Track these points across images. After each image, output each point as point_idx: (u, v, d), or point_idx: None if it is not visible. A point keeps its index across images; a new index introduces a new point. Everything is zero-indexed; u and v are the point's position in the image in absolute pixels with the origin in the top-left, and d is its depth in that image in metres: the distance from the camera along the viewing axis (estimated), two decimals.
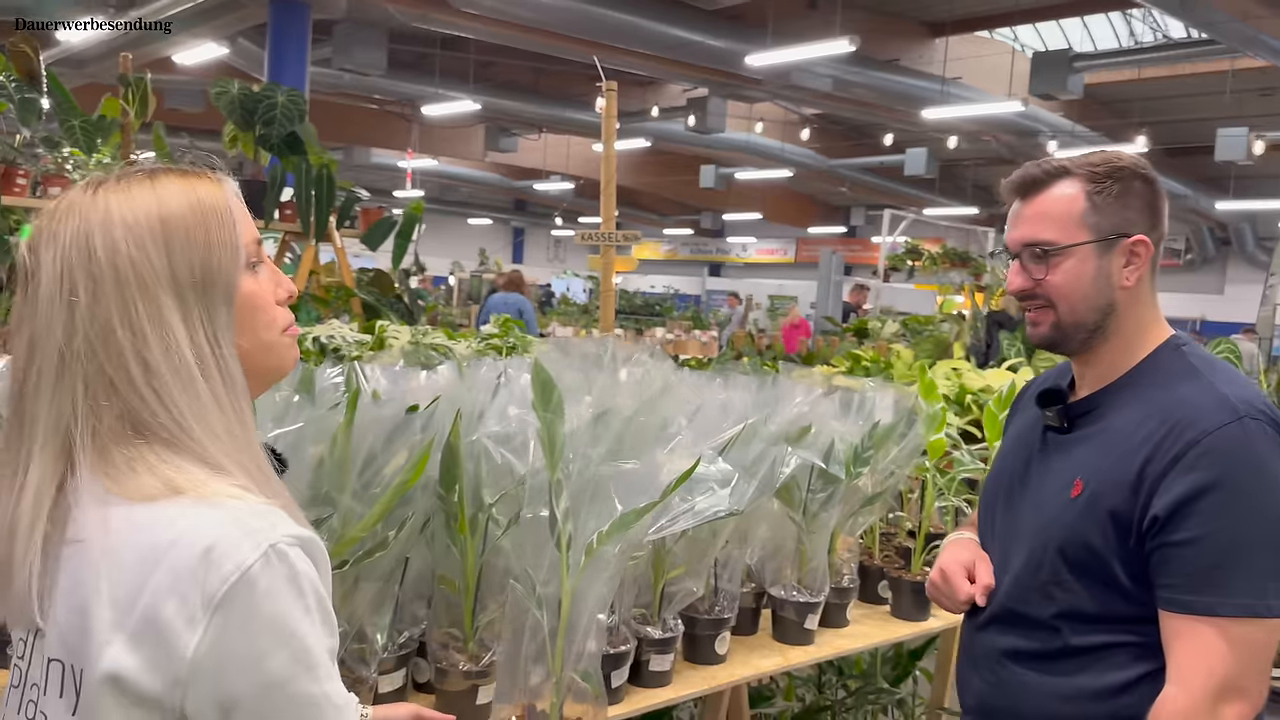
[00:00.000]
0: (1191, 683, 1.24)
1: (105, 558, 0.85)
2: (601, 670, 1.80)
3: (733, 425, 2.08)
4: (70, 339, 0.88)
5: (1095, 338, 1.40)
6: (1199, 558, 1.24)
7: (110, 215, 0.89)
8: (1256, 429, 1.26)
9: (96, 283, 0.88)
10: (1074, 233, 1.37)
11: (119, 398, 0.88)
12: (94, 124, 4.71)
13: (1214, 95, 14.02)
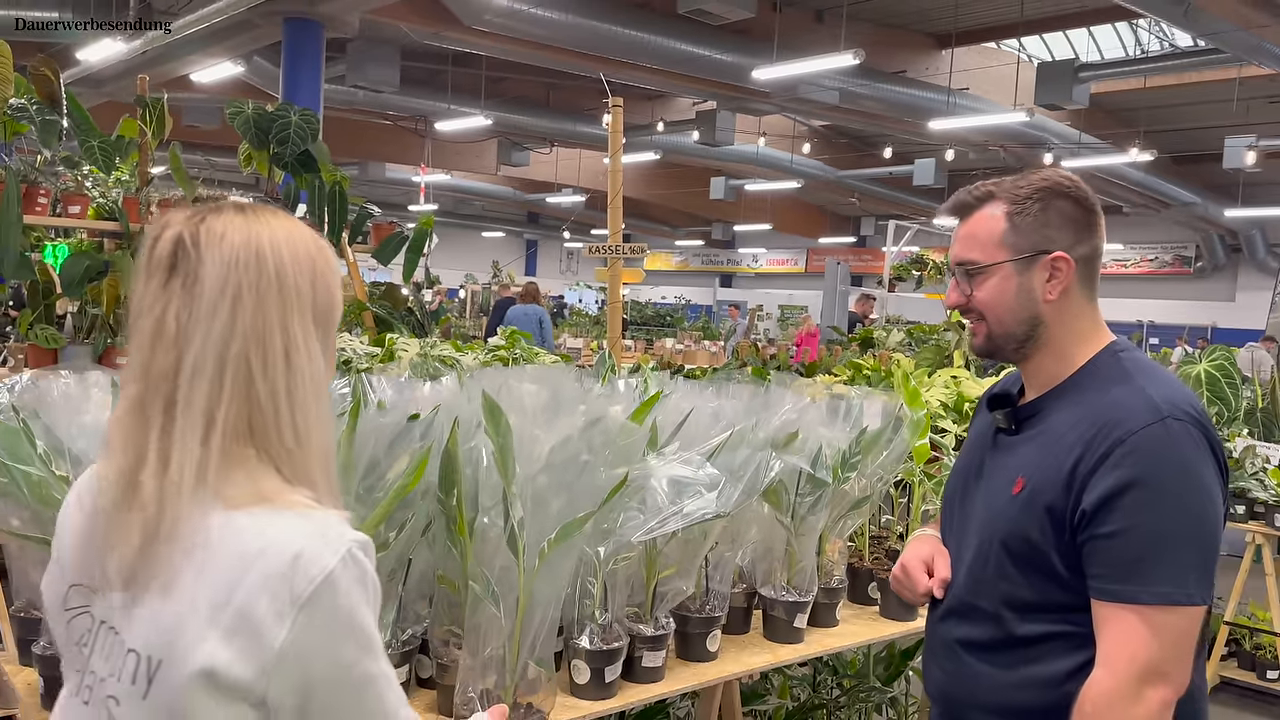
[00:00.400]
0: (1116, 666, 1.32)
1: (205, 563, 0.94)
2: (596, 665, 1.90)
3: (722, 432, 2.18)
4: (229, 338, 0.96)
5: (1027, 347, 1.49)
6: (1124, 549, 1.32)
7: (276, 238, 1.00)
8: (1180, 429, 1.34)
9: (262, 294, 0.97)
10: (994, 252, 1.47)
11: (252, 398, 0.96)
12: (112, 144, 4.84)
13: (1221, 103, 14.05)
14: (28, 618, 1.87)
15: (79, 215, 4.76)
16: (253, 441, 0.97)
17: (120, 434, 0.97)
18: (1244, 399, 4.97)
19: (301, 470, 0.99)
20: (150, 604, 0.95)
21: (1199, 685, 1.44)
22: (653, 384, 2.48)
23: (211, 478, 0.95)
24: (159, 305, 0.97)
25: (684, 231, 29.33)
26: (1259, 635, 4.60)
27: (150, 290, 0.98)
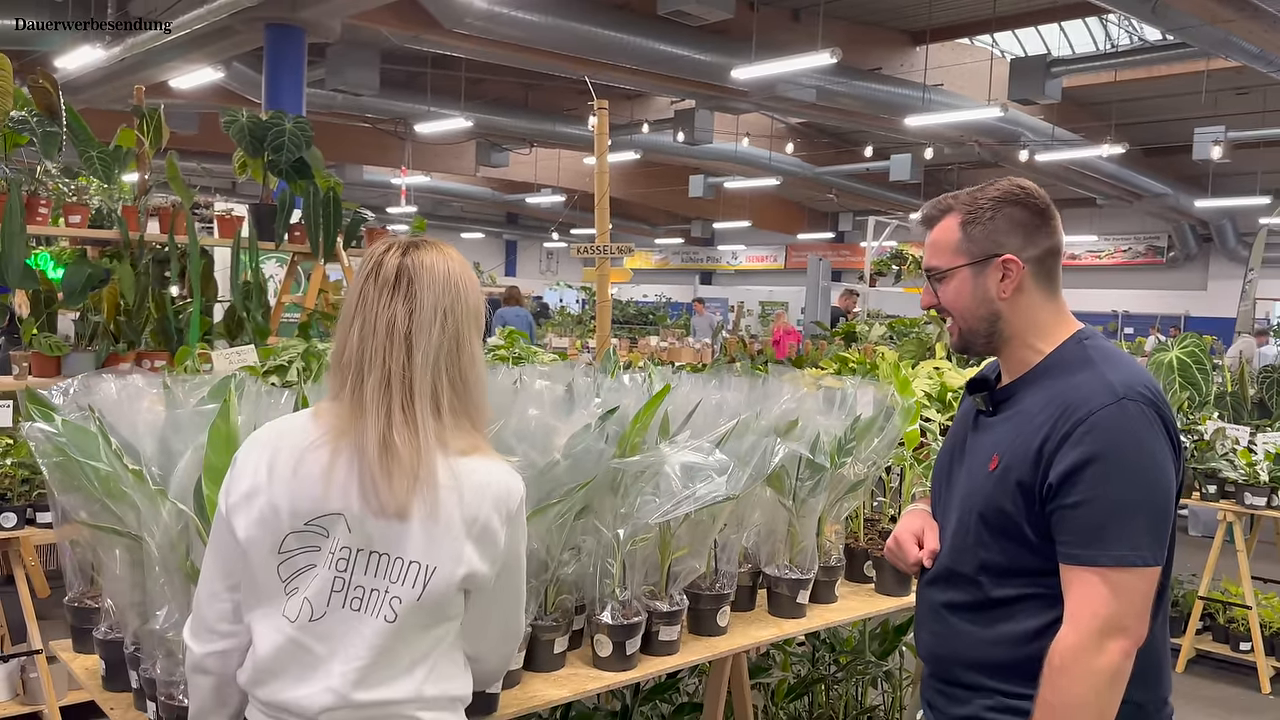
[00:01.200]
0: (1080, 622, 1.48)
1: (460, 493, 1.40)
2: (617, 639, 2.04)
3: (727, 421, 2.32)
4: (441, 342, 1.41)
5: (994, 341, 1.66)
6: (1086, 518, 1.48)
7: (457, 269, 1.46)
8: (1134, 409, 1.50)
9: (458, 313, 1.44)
10: (952, 258, 1.65)
11: (454, 382, 1.43)
12: (111, 154, 4.93)
13: (1190, 96, 14.35)
14: (82, 607, 1.98)
15: (79, 225, 4.84)
16: (458, 410, 1.43)
17: (371, 404, 1.38)
18: (1214, 384, 5.17)
19: (483, 430, 1.49)
20: (422, 527, 1.38)
21: (1160, 637, 1.60)
22: (657, 378, 2.62)
23: (445, 437, 1.41)
24: (387, 312, 1.39)
25: (663, 229, 29.48)
26: (1232, 609, 4.80)
27: (380, 299, 1.40)
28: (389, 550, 1.37)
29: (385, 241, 1.46)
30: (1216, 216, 19.53)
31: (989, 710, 1.61)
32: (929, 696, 1.76)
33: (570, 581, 2.11)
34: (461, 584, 1.40)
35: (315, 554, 1.38)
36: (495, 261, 30.40)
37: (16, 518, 3.29)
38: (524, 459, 1.94)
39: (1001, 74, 13.25)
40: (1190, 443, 4.77)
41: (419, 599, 1.37)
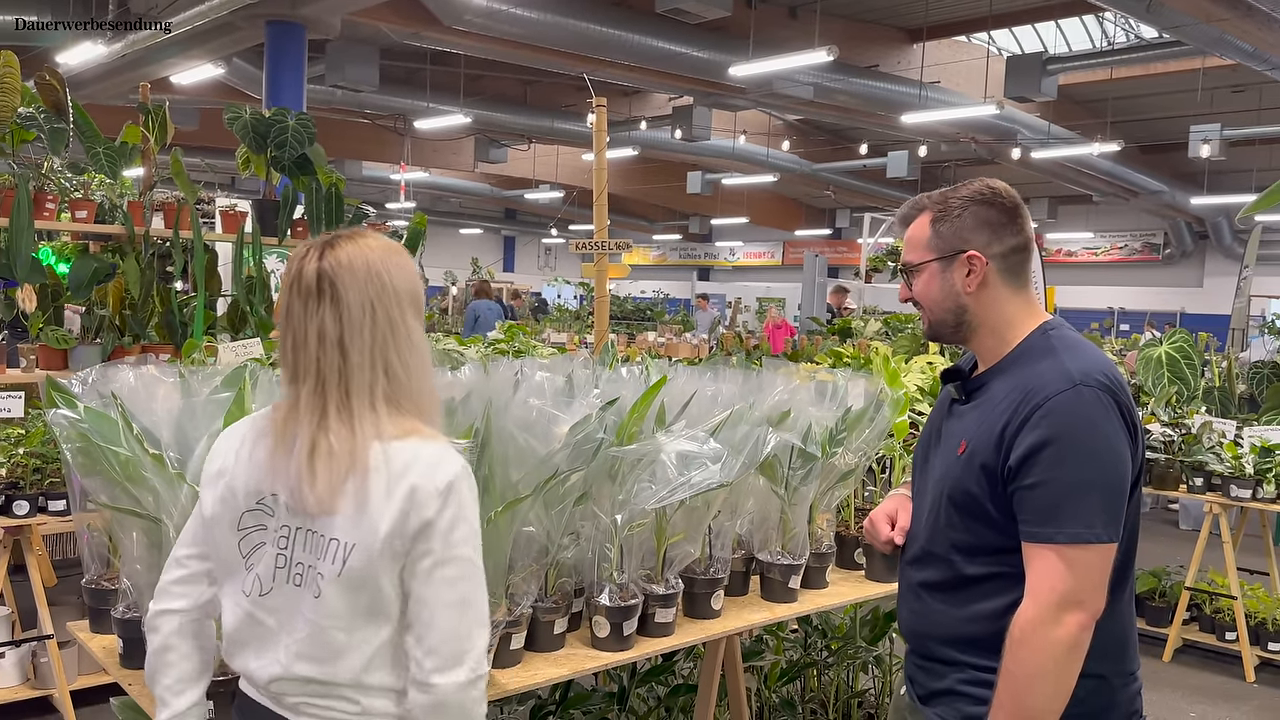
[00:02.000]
0: (1038, 596, 1.55)
1: (385, 473, 1.39)
2: (614, 620, 2.12)
3: (721, 412, 2.40)
4: (374, 340, 1.41)
5: (961, 331, 1.76)
6: (1041, 498, 1.56)
7: (387, 259, 1.45)
8: (1089, 394, 1.57)
9: (387, 303, 1.43)
10: (922, 254, 1.76)
11: (392, 374, 1.43)
12: (117, 150, 5.00)
13: (1186, 93, 14.41)
14: (99, 589, 2.05)
15: (85, 220, 4.91)
16: (396, 399, 1.44)
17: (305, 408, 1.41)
18: (1203, 379, 5.25)
19: (425, 413, 1.46)
20: (349, 512, 1.39)
21: (1125, 613, 1.68)
22: (654, 370, 2.69)
23: (381, 427, 1.42)
24: (315, 321, 1.41)
25: (661, 226, 29.54)
26: (1218, 600, 4.88)
27: (306, 310, 1.42)
28: (320, 529, 1.41)
29: (304, 245, 1.46)
30: (1212, 214, 19.60)
31: (962, 683, 1.69)
32: (910, 672, 1.85)
33: (570, 565, 2.18)
34: (380, 557, 1.37)
35: (264, 531, 1.45)
36: (493, 257, 30.42)
37: (29, 506, 3.37)
38: (526, 447, 2.02)
39: (998, 71, 13.32)
40: (1178, 436, 4.86)
41: (339, 574, 1.38)
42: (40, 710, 3.70)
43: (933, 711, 1.74)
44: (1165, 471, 4.82)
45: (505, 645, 1.99)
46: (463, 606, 1.40)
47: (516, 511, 1.98)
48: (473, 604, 1.41)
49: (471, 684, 1.39)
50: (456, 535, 1.40)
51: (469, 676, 1.39)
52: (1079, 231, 22.59)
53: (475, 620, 1.41)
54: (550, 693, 2.68)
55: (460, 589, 1.40)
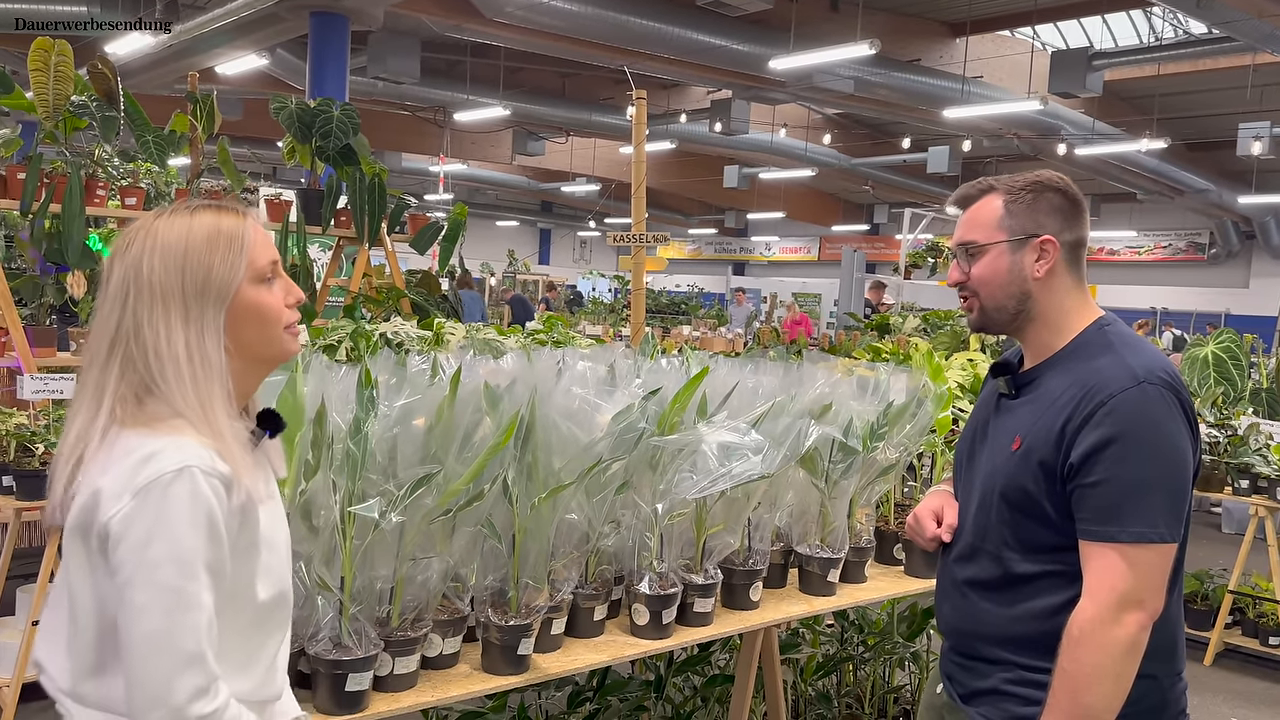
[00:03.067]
0: (1099, 595, 1.54)
1: (104, 463, 1.24)
2: (654, 608, 2.13)
3: (763, 404, 2.40)
4: (120, 329, 1.29)
5: (1017, 320, 1.71)
6: (1105, 496, 1.54)
7: (155, 244, 1.30)
8: (1154, 393, 1.56)
9: (138, 295, 1.29)
10: (992, 234, 1.69)
11: (138, 371, 1.27)
12: (165, 138, 5.08)
13: (1235, 90, 14.13)
14: None
15: (134, 207, 4.99)
16: (147, 392, 1.28)
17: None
18: (1250, 380, 5.16)
19: (181, 409, 1.27)
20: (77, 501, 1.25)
21: (1175, 614, 1.66)
22: (694, 362, 2.70)
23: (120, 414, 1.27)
24: (94, 311, 1.34)
25: (697, 220, 29.48)
26: (1262, 604, 4.81)
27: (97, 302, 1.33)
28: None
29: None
30: (1260, 213, 19.21)
31: (1008, 683, 1.67)
32: (948, 670, 1.83)
33: (610, 553, 2.20)
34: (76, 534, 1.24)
35: None
36: (529, 250, 30.56)
37: None
38: (568, 435, 2.04)
39: (1042, 66, 13.14)
40: (1224, 438, 4.78)
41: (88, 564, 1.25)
42: None
43: (976, 711, 1.72)
44: (1210, 473, 4.74)
45: (546, 630, 2.02)
46: (151, 642, 1.18)
47: (559, 499, 2.00)
48: (162, 639, 1.18)
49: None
50: (148, 555, 1.18)
51: (180, 710, 1.18)
52: (1122, 230, 22.24)
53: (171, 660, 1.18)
54: (587, 679, 2.70)
55: (148, 621, 1.18)
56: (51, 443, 3.54)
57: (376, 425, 1.80)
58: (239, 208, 1.36)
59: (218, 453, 1.25)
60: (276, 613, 1.38)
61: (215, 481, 1.23)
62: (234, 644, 1.30)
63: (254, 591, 1.32)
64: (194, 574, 1.20)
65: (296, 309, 1.40)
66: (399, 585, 1.84)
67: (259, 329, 1.34)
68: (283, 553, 1.39)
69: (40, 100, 4.57)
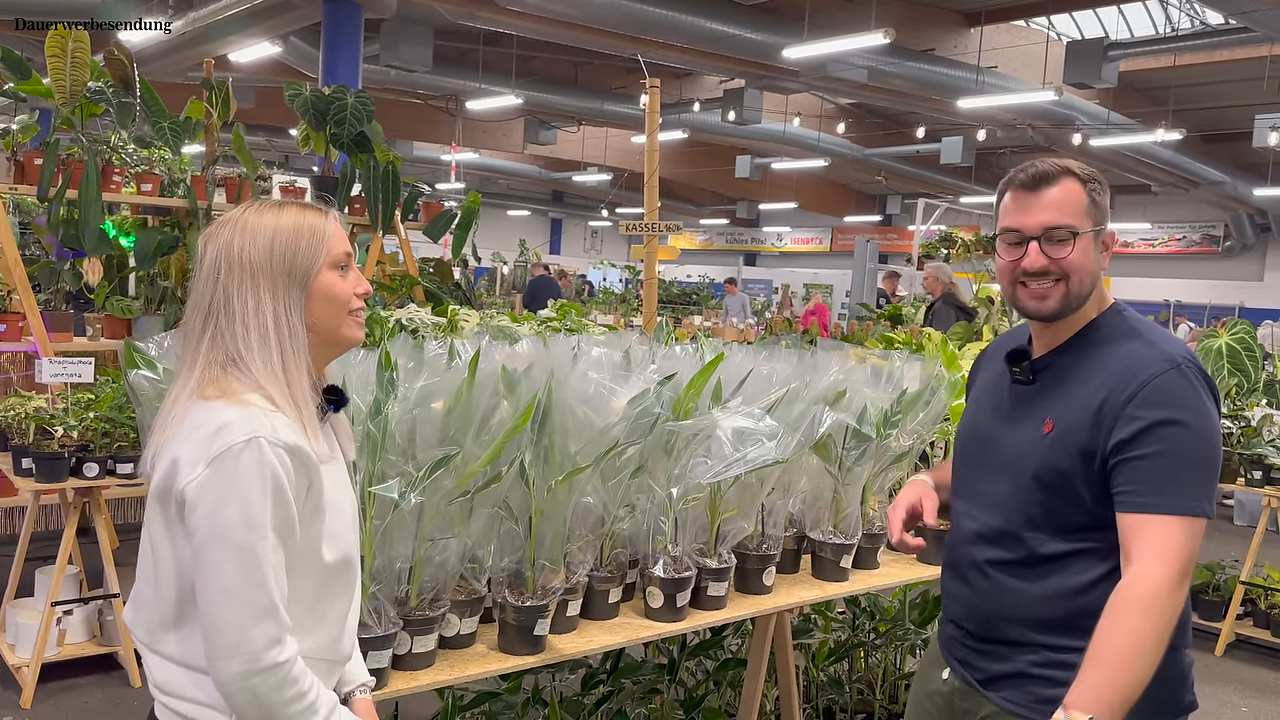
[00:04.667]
0: (1169, 560, 1.53)
1: (183, 433, 1.34)
2: (668, 591, 2.15)
3: (777, 390, 2.41)
4: (212, 304, 1.40)
5: (1083, 305, 1.71)
6: (1162, 469, 1.56)
7: (246, 229, 1.42)
8: (1191, 374, 1.61)
9: (229, 271, 1.40)
10: (1084, 221, 1.69)
11: (225, 343, 1.38)
12: (181, 125, 5.10)
13: (1251, 81, 14.02)
14: None
15: (150, 193, 5.03)
16: (231, 363, 1.38)
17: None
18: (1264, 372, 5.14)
19: (266, 385, 1.37)
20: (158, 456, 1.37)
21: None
22: (708, 349, 2.71)
23: (199, 386, 1.37)
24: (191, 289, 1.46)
25: (708, 210, 29.43)
26: (1273, 595, 4.80)
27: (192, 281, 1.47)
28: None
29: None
30: (1276, 206, 19.07)
31: (1035, 666, 1.68)
32: (961, 655, 1.81)
33: (625, 537, 2.22)
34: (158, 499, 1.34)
35: None
36: (540, 239, 30.56)
37: (98, 468, 3.48)
38: (584, 419, 2.05)
39: (1057, 57, 13.06)
40: (1237, 429, 4.77)
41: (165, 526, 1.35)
42: (105, 666, 3.83)
43: (999, 696, 1.72)
44: (1222, 464, 4.73)
45: (562, 612, 2.03)
46: (227, 595, 1.28)
47: (575, 482, 2.02)
48: (237, 593, 1.27)
49: (248, 675, 1.28)
50: (221, 517, 1.28)
51: (243, 668, 1.28)
52: (1136, 222, 22.11)
53: (246, 612, 1.28)
54: (601, 662, 2.72)
55: (223, 576, 1.28)
56: (70, 425, 3.58)
57: (396, 407, 1.82)
58: (321, 206, 1.50)
59: (288, 421, 1.36)
60: (342, 574, 1.45)
61: (280, 450, 1.32)
62: (302, 605, 1.38)
63: (320, 553, 1.40)
64: (264, 535, 1.30)
65: (363, 300, 1.50)
66: (417, 565, 1.87)
67: (330, 310, 1.45)
68: (348, 518, 1.47)
69: (58, 86, 4.59)
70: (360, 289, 1.49)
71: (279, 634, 1.30)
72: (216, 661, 1.29)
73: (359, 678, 1.58)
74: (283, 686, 1.30)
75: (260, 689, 1.28)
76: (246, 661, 1.27)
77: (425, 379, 1.93)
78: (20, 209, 6.87)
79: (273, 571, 1.30)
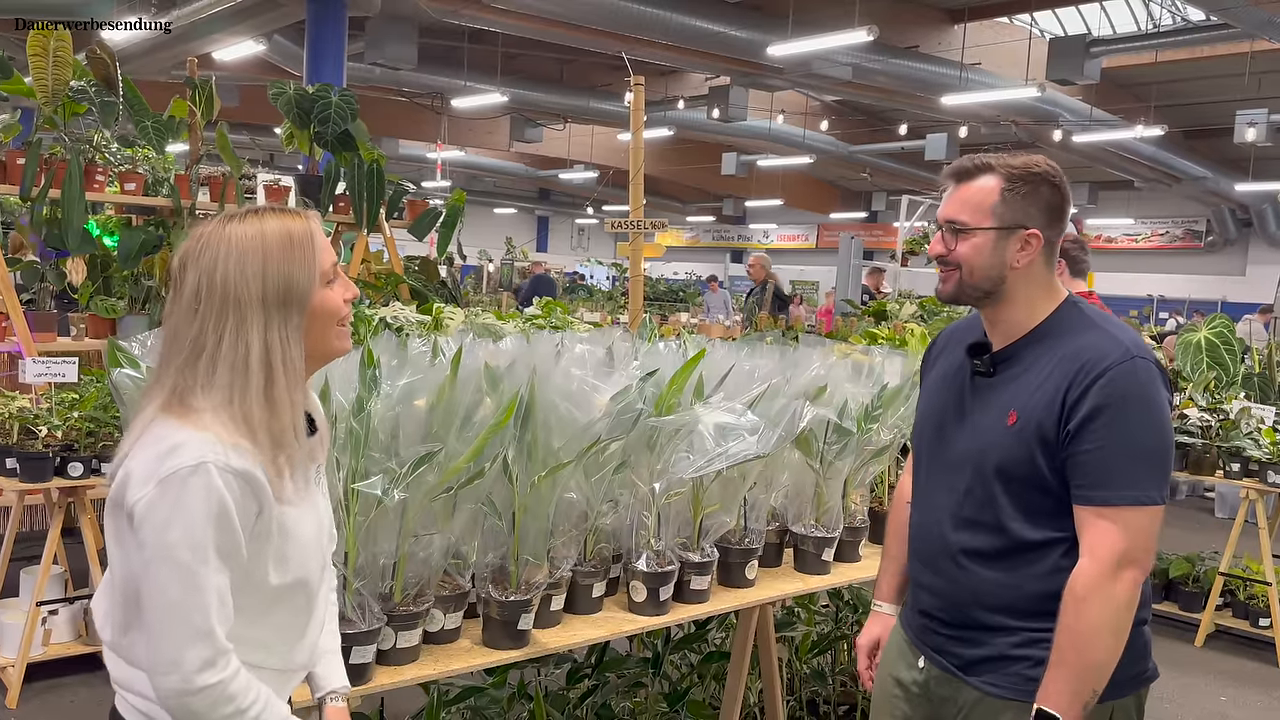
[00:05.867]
0: (1098, 555, 1.62)
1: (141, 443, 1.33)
2: (651, 585, 2.17)
3: (759, 386, 2.43)
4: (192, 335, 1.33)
5: (988, 300, 1.76)
6: (1100, 462, 1.62)
7: (230, 251, 1.34)
8: (1143, 366, 1.65)
9: (210, 301, 1.33)
10: (982, 219, 1.72)
11: (200, 374, 1.32)
12: (165, 124, 5.09)
13: (1233, 77, 14.13)
14: None
15: (134, 192, 5.01)
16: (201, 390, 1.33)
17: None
18: (1243, 365, 5.20)
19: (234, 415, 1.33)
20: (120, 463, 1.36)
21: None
22: (691, 345, 2.73)
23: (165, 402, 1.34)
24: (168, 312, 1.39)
25: (695, 207, 29.46)
26: (1252, 586, 4.86)
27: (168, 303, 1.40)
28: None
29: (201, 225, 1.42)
30: (1257, 201, 19.25)
31: (1016, 647, 1.72)
32: (935, 644, 1.84)
33: (608, 532, 2.24)
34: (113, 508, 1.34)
35: None
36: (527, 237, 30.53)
37: (83, 468, 3.47)
38: (567, 415, 2.07)
39: (1040, 54, 13.14)
40: (1216, 422, 4.82)
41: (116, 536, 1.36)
42: (90, 666, 3.82)
43: (980, 680, 1.75)
44: (1202, 457, 4.79)
45: (546, 606, 2.05)
46: (167, 613, 1.28)
47: (558, 478, 2.03)
48: (175, 612, 1.27)
49: (183, 693, 1.28)
50: (165, 538, 1.27)
51: (179, 686, 1.28)
52: (1119, 218, 22.27)
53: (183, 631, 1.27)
54: (586, 656, 2.74)
55: (165, 595, 1.28)
56: (55, 425, 3.58)
57: (379, 404, 1.84)
58: (301, 211, 1.42)
59: (243, 449, 1.32)
60: (295, 597, 1.43)
61: (229, 476, 1.30)
62: (248, 619, 1.36)
63: (266, 575, 1.37)
64: (205, 558, 1.29)
65: (350, 305, 1.46)
66: (401, 561, 1.88)
67: (324, 328, 1.41)
68: (304, 542, 1.42)
69: (40, 85, 4.58)
70: (349, 294, 1.45)
71: (213, 656, 1.29)
72: (155, 675, 1.30)
73: (331, 684, 1.57)
74: (218, 705, 1.30)
75: (195, 706, 1.29)
76: (181, 681, 1.28)
77: (408, 376, 1.95)
78: (3, 209, 6.84)
79: (215, 595, 1.29)
